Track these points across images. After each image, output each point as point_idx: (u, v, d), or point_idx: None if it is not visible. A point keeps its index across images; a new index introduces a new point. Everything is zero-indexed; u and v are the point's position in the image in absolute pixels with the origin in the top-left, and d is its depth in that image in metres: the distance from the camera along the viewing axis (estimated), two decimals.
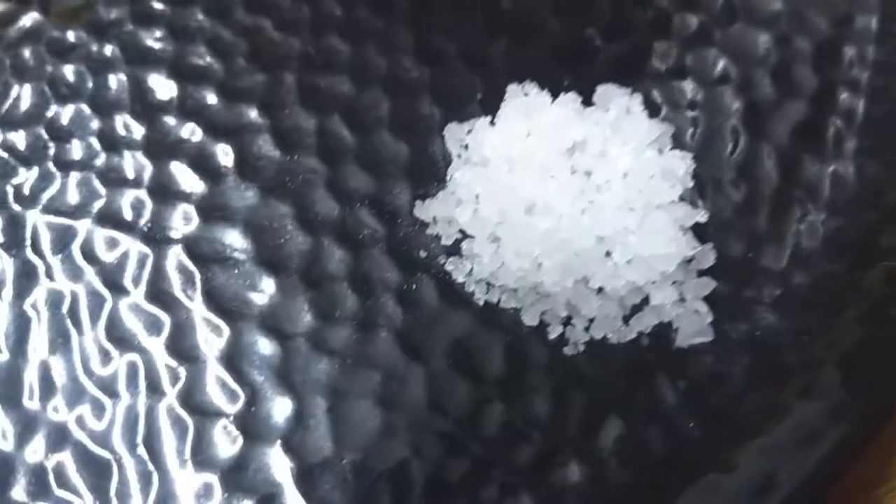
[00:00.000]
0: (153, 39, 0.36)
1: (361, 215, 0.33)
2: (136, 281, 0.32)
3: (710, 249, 0.31)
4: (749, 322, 0.30)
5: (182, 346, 0.31)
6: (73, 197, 0.34)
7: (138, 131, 0.34)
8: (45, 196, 0.34)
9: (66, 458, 0.30)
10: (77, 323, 0.32)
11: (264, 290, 0.32)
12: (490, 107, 0.34)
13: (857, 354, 0.28)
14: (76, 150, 0.34)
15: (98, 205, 0.33)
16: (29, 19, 0.36)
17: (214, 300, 0.31)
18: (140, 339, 0.31)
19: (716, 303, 0.31)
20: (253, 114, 0.34)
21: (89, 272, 0.32)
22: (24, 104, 0.35)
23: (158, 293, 0.32)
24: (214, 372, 0.31)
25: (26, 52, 0.36)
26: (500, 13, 0.36)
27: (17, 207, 0.34)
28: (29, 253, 0.33)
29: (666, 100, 0.34)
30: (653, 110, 0.33)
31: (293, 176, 0.33)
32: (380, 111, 0.34)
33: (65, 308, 0.32)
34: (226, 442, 0.30)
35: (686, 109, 0.34)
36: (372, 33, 0.35)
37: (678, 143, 0.33)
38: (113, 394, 0.31)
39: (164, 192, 0.33)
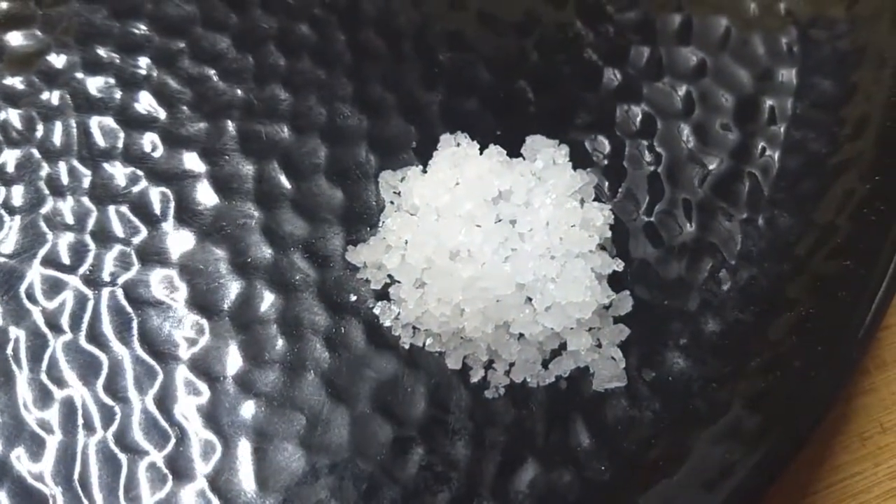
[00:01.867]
0: (101, 87, 0.37)
1: (295, 259, 0.34)
2: (77, 322, 0.33)
3: (626, 297, 0.32)
4: (661, 367, 0.31)
5: (117, 387, 0.32)
6: (19, 240, 0.34)
7: (84, 177, 0.35)
8: None
9: (3, 495, 0.31)
10: (19, 362, 0.33)
11: (196, 333, 0.33)
12: (424, 155, 0.35)
13: (760, 402, 0.29)
14: (24, 194, 0.35)
15: (43, 248, 0.34)
16: None
17: (148, 342, 0.32)
18: (78, 380, 0.32)
19: (630, 348, 0.32)
20: (194, 160, 0.35)
21: (33, 313, 0.33)
22: None
23: (96, 335, 0.33)
24: (147, 412, 0.32)
25: None
26: (437, 65, 0.37)
27: None
28: None
29: (591, 151, 0.35)
30: (577, 161, 0.34)
31: (230, 221, 0.34)
32: (317, 158, 0.36)
33: (9, 349, 0.33)
34: (155, 480, 0.31)
35: (609, 160, 0.35)
36: (313, 83, 0.37)
37: (600, 192, 0.34)
38: (51, 431, 0.32)
39: (106, 237, 0.34)
